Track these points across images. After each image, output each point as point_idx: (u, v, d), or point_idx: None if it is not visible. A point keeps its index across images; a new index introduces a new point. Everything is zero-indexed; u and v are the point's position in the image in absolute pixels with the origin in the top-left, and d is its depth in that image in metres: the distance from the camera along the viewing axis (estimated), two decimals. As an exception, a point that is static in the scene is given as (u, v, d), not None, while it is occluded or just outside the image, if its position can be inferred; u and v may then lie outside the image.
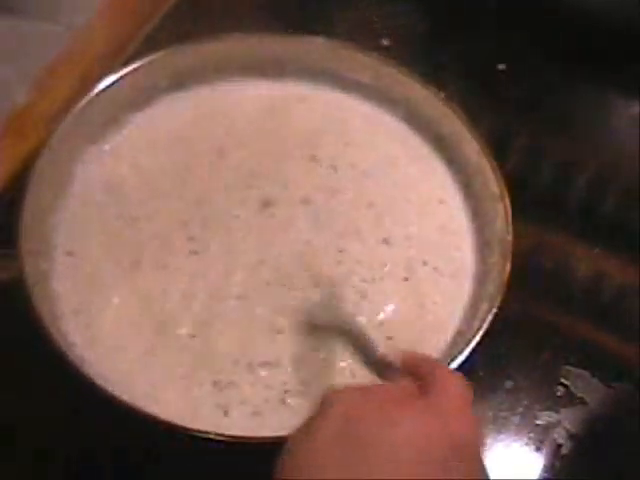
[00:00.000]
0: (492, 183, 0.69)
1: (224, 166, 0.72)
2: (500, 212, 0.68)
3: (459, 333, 0.65)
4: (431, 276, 0.68)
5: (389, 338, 0.65)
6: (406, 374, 0.51)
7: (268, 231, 0.69)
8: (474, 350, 0.61)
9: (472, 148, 0.71)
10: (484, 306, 0.64)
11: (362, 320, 0.65)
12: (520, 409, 0.68)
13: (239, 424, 0.61)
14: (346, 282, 0.67)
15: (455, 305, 0.67)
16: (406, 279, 0.68)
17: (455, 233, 0.70)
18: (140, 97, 0.74)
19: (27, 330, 0.60)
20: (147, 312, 0.65)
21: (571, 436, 0.67)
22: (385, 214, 0.71)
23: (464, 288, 0.68)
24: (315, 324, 0.64)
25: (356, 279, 0.67)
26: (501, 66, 0.86)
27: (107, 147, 0.73)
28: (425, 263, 0.69)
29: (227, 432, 0.59)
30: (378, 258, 0.69)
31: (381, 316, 0.66)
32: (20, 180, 0.69)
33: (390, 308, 0.66)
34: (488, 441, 0.67)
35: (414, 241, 0.70)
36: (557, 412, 0.68)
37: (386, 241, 0.69)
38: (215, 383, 0.62)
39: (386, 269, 0.68)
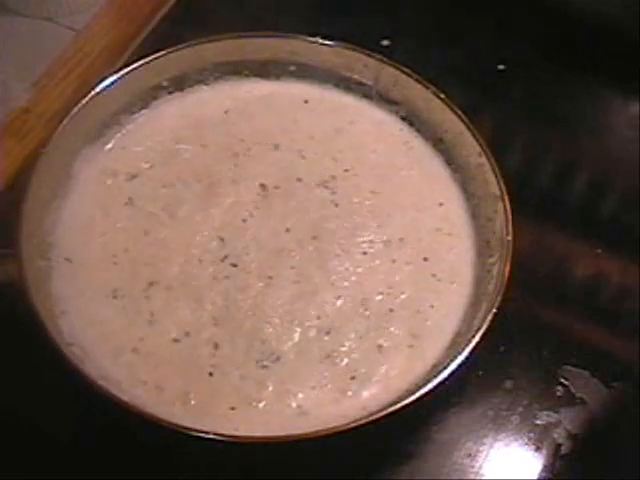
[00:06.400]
0: (492, 183, 0.69)
1: (226, 167, 0.72)
2: (500, 212, 0.68)
3: (459, 333, 0.65)
4: (431, 277, 0.68)
5: (389, 335, 0.65)
6: None
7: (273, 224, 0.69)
8: (474, 350, 0.61)
9: (472, 148, 0.71)
10: (484, 306, 0.64)
11: (360, 321, 0.66)
12: (520, 409, 0.68)
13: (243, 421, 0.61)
14: (344, 283, 0.67)
15: (454, 306, 0.67)
16: (406, 278, 0.68)
17: (455, 233, 0.70)
18: (140, 97, 0.74)
19: (27, 330, 0.60)
20: (146, 312, 0.65)
21: (571, 436, 0.67)
22: (385, 215, 0.71)
23: (464, 288, 0.68)
24: None
25: (356, 279, 0.68)
26: (501, 66, 0.86)
27: (107, 147, 0.73)
28: (425, 264, 0.69)
29: (227, 432, 0.59)
30: (378, 259, 0.69)
31: (381, 315, 0.66)
32: (20, 180, 0.69)
33: (389, 308, 0.67)
34: (488, 441, 0.67)
35: (414, 242, 0.70)
36: (557, 412, 0.68)
37: (386, 242, 0.69)
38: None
39: (386, 269, 0.68)
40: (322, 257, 0.68)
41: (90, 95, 0.71)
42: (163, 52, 0.74)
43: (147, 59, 0.74)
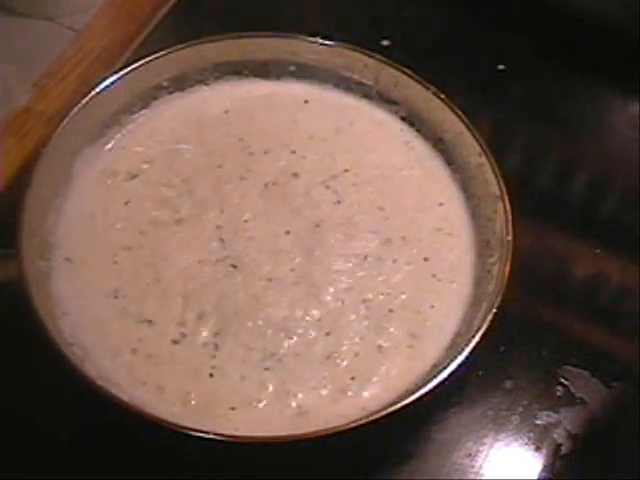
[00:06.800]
0: (492, 183, 0.69)
1: (226, 167, 0.72)
2: (500, 212, 0.68)
3: (459, 333, 0.65)
4: (431, 277, 0.68)
5: (390, 335, 0.65)
6: None
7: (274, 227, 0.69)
8: (474, 350, 0.61)
9: (472, 148, 0.71)
10: (484, 306, 0.64)
11: (360, 321, 0.66)
12: (520, 409, 0.68)
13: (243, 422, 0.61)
14: (344, 284, 0.67)
15: (454, 306, 0.67)
16: (406, 278, 0.68)
17: (455, 233, 0.70)
18: (140, 97, 0.74)
19: (27, 330, 0.60)
20: (146, 313, 0.65)
21: (571, 436, 0.67)
22: (385, 215, 0.71)
23: (464, 288, 0.68)
24: None
25: (356, 279, 0.68)
26: (501, 66, 0.86)
27: (107, 147, 0.73)
28: (425, 264, 0.69)
29: (227, 432, 0.59)
30: (378, 259, 0.69)
31: (381, 315, 0.66)
32: (20, 180, 0.69)
33: (389, 309, 0.67)
34: (488, 441, 0.67)
35: (414, 242, 0.70)
36: (557, 412, 0.68)
37: (386, 242, 0.69)
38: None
39: (387, 269, 0.68)
40: (322, 258, 0.68)
41: (90, 95, 0.71)
42: (163, 52, 0.74)
43: (147, 59, 0.74)
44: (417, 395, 0.59)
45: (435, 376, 0.60)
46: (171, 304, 0.65)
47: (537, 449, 0.67)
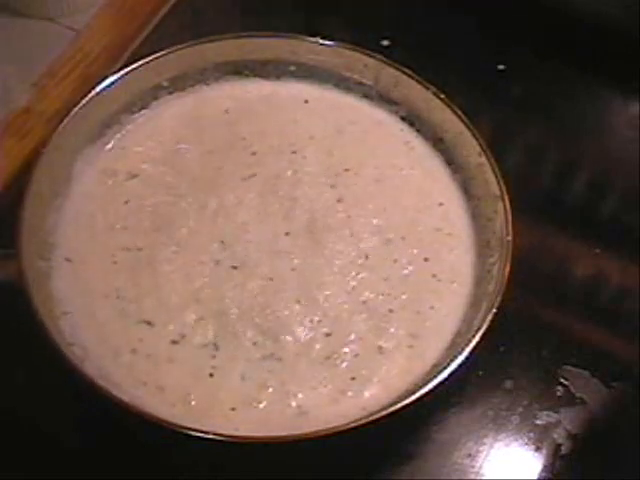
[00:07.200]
0: (492, 183, 0.69)
1: (226, 167, 0.72)
2: (500, 212, 0.68)
3: (459, 333, 0.65)
4: (431, 277, 0.68)
5: (390, 335, 0.65)
6: None
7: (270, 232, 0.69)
8: (474, 350, 0.61)
9: (472, 148, 0.71)
10: (484, 306, 0.64)
11: (361, 321, 0.66)
12: (520, 409, 0.68)
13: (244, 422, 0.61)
14: (345, 284, 0.67)
15: (455, 306, 0.67)
16: (406, 278, 0.68)
17: (455, 233, 0.70)
18: (140, 97, 0.74)
19: (27, 330, 0.60)
20: (146, 313, 0.65)
21: (571, 436, 0.67)
22: (385, 215, 0.71)
23: (463, 288, 0.68)
24: None
25: (356, 279, 0.68)
26: (501, 66, 0.86)
27: (107, 147, 0.73)
28: (426, 264, 0.69)
29: (227, 432, 0.59)
30: (378, 259, 0.69)
31: (381, 316, 0.66)
32: (20, 180, 0.69)
33: (389, 309, 0.67)
34: (488, 441, 0.67)
35: (414, 242, 0.70)
36: (557, 412, 0.68)
37: (386, 242, 0.69)
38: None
39: (387, 269, 0.68)
40: (322, 258, 0.68)
41: (90, 95, 0.71)
42: (163, 52, 0.74)
43: (147, 59, 0.74)
44: (417, 395, 0.59)
45: (435, 376, 0.60)
46: (171, 304, 0.65)
47: (537, 449, 0.67)
